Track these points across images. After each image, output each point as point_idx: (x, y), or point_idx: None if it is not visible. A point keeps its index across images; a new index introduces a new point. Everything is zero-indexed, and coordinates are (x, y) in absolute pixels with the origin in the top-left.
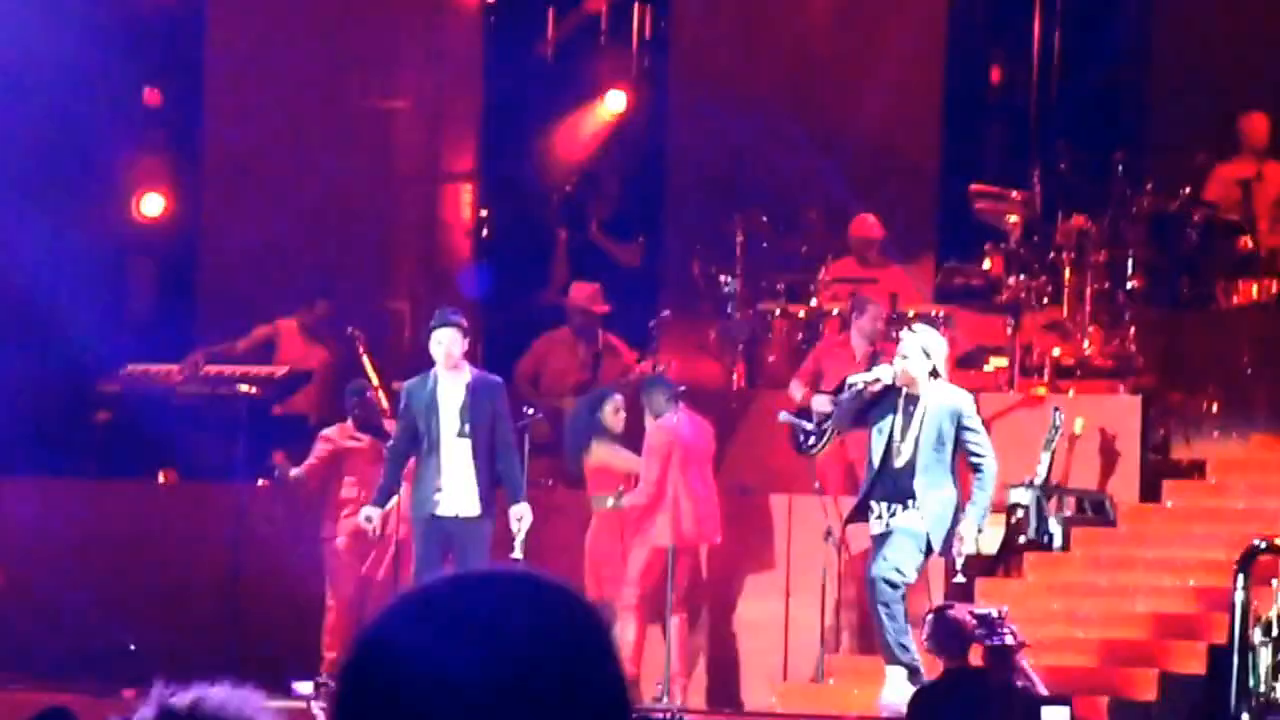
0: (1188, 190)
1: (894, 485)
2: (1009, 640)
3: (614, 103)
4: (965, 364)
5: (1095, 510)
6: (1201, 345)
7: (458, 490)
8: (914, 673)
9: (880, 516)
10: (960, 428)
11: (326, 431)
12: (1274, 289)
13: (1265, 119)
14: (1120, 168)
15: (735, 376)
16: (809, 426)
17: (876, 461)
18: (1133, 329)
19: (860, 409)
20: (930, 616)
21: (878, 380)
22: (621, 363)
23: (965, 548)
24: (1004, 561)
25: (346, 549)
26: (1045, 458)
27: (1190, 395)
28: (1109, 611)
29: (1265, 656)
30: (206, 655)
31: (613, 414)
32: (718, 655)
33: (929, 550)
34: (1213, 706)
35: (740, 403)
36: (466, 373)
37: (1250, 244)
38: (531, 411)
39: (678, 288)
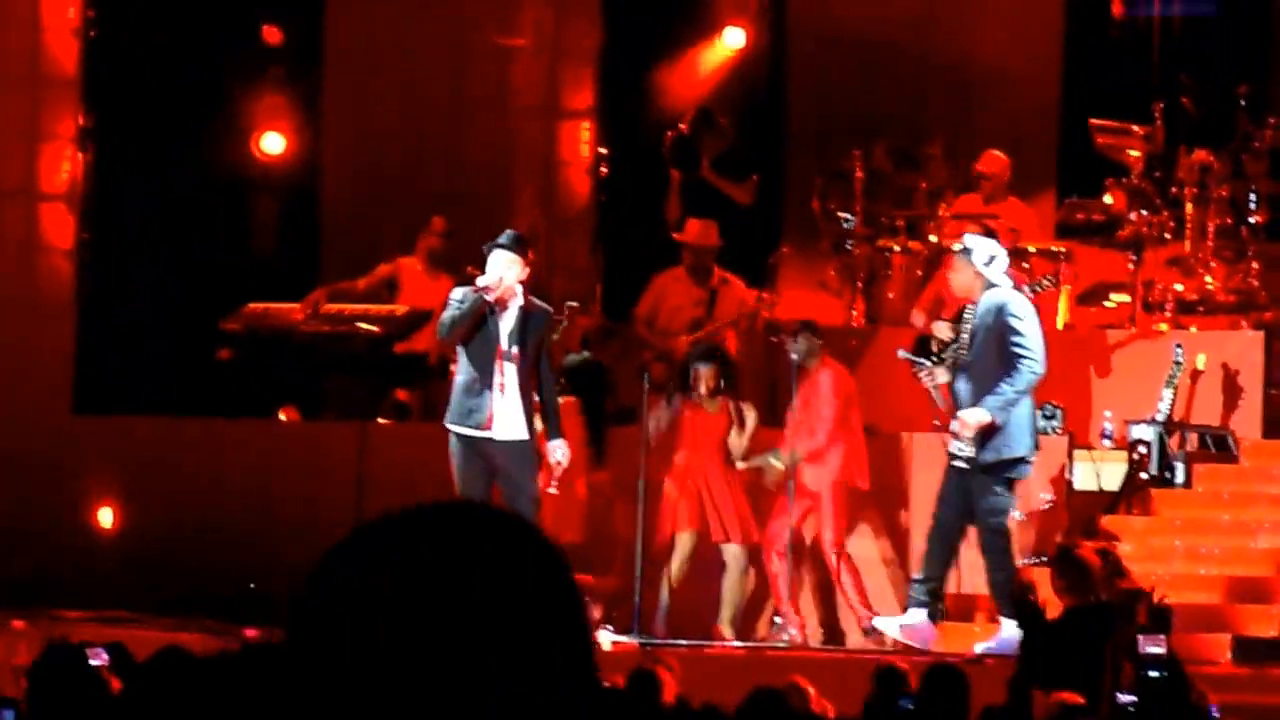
0: None
1: (956, 400)
2: (1131, 577)
3: (732, 39)
4: (1086, 300)
5: (1218, 446)
6: None
7: (505, 412)
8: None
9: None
10: (1006, 328)
11: None
12: None
13: None
14: (1243, 101)
15: (854, 313)
16: (928, 363)
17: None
18: (1255, 264)
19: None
20: (1056, 554)
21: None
22: (737, 299)
23: (965, 433)
24: (1127, 498)
25: None
26: (1167, 394)
27: None
28: (1231, 548)
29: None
30: None
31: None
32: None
33: (1009, 471)
34: None
35: (860, 340)
36: (520, 297)
37: None
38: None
39: (797, 225)
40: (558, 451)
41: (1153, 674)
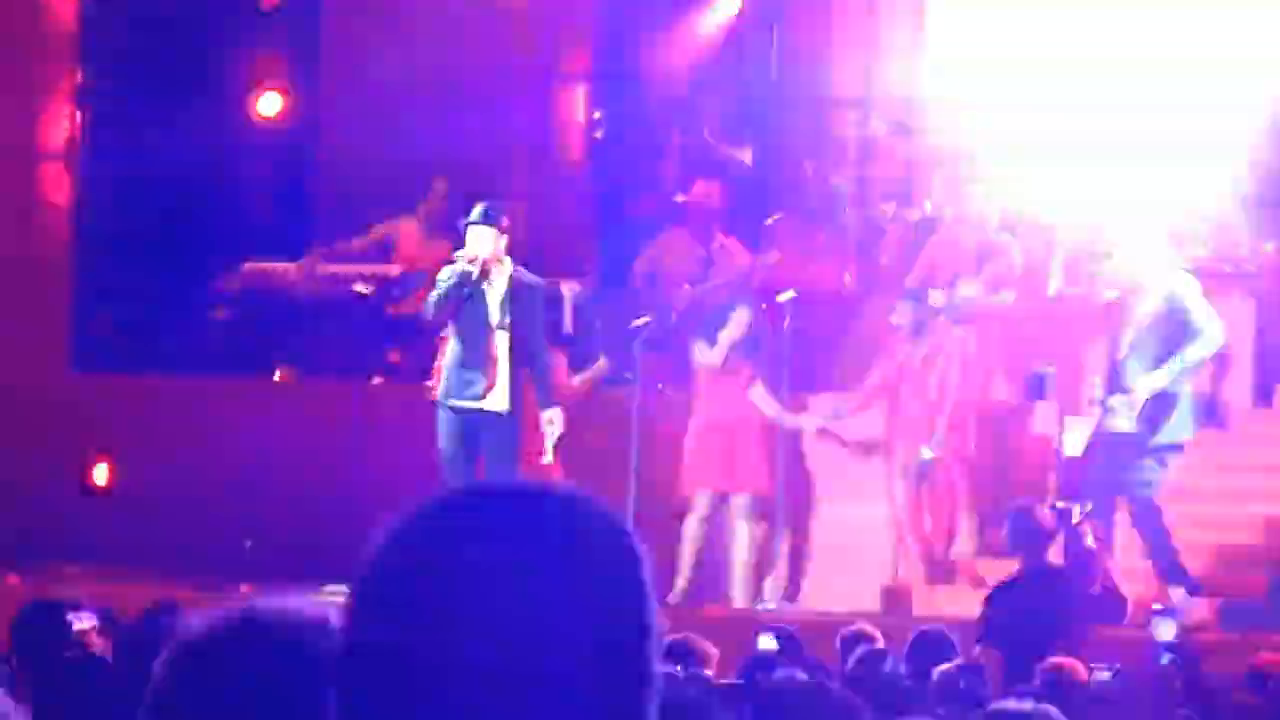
0: None
1: (1116, 377)
2: (1089, 542)
3: (727, 5)
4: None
5: (1208, 413)
6: None
7: (491, 383)
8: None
9: (1110, 411)
10: (1176, 308)
11: None
12: None
13: None
14: None
15: (847, 279)
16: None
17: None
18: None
19: None
20: (1010, 514)
21: None
22: (735, 263)
23: (1139, 395)
24: None
25: None
26: None
27: None
28: (1220, 515)
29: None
30: (327, 551)
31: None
32: (824, 559)
33: (1161, 446)
34: None
35: (852, 305)
36: (508, 267)
37: None
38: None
39: (790, 191)
40: (552, 420)
41: (1165, 659)
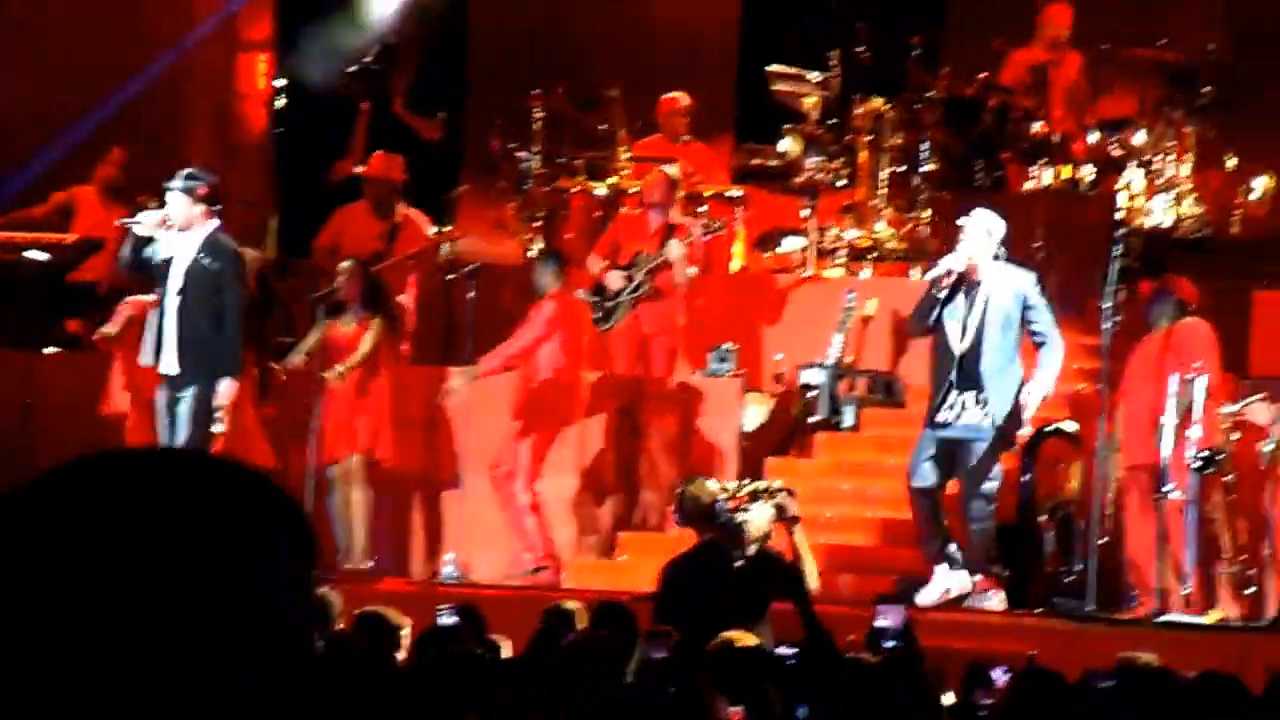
0: (984, 75)
1: (962, 372)
2: (737, 518)
3: None
4: (762, 245)
5: (885, 391)
6: None
7: (169, 346)
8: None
9: (953, 407)
10: (1026, 307)
11: (130, 298)
12: (1066, 175)
13: (1068, 9)
14: (917, 51)
15: (531, 253)
16: (606, 304)
17: (956, 351)
18: (927, 212)
19: (933, 305)
20: (677, 491)
21: (950, 272)
22: (418, 236)
23: (1026, 414)
24: (795, 441)
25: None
26: (838, 339)
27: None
28: (896, 491)
29: (1049, 539)
30: None
31: None
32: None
33: (1004, 442)
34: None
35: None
36: (203, 234)
37: (1044, 130)
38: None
39: (476, 163)
40: (220, 390)
41: (887, 645)
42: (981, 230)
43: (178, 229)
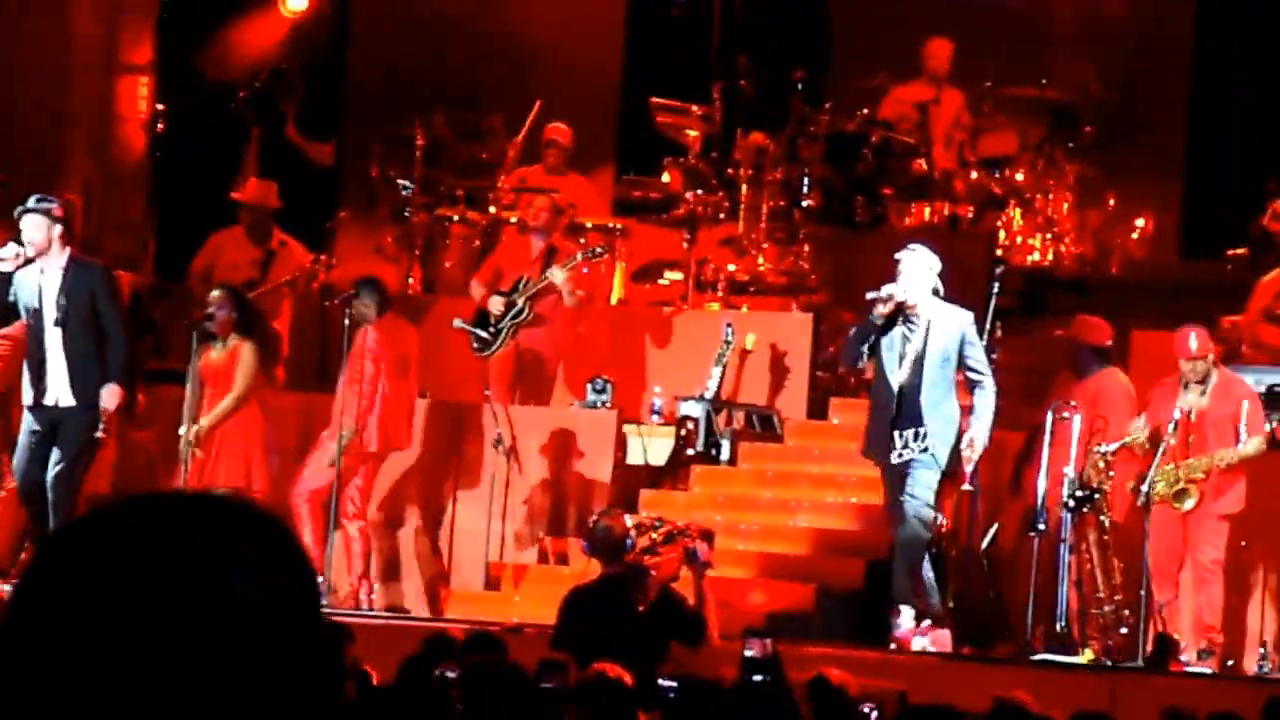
0: (865, 111)
1: (900, 408)
2: (646, 561)
3: (295, 1)
4: (641, 277)
5: (763, 425)
6: (874, 265)
7: (56, 379)
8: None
9: (897, 450)
10: (964, 343)
11: (4, 330)
12: (946, 211)
13: (949, 44)
14: (800, 86)
15: (411, 281)
16: (484, 334)
17: (895, 385)
18: (807, 247)
19: (871, 335)
20: (591, 521)
21: (890, 298)
22: (295, 261)
23: (974, 453)
24: (671, 474)
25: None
26: (716, 372)
27: (860, 314)
28: (771, 526)
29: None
30: None
31: None
32: (389, 560)
33: (941, 473)
34: (867, 621)
35: (416, 308)
36: (64, 259)
37: (924, 166)
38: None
39: (356, 190)
40: (104, 395)
41: (755, 677)
42: (922, 265)
43: (37, 254)
